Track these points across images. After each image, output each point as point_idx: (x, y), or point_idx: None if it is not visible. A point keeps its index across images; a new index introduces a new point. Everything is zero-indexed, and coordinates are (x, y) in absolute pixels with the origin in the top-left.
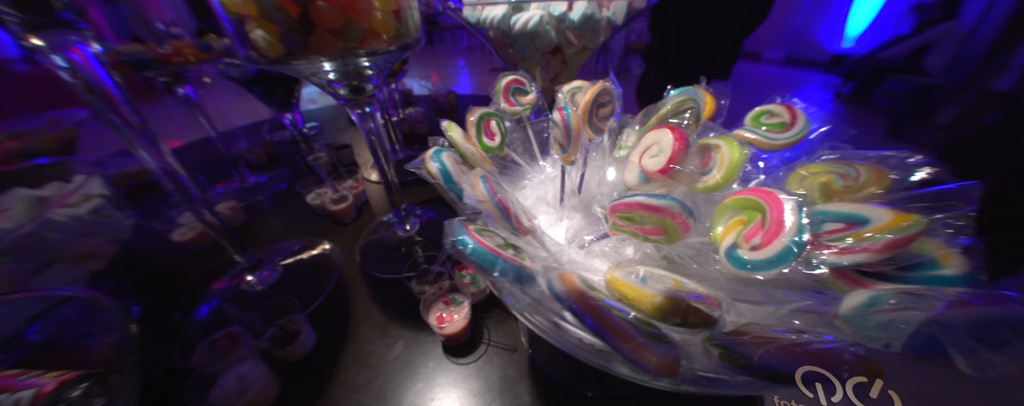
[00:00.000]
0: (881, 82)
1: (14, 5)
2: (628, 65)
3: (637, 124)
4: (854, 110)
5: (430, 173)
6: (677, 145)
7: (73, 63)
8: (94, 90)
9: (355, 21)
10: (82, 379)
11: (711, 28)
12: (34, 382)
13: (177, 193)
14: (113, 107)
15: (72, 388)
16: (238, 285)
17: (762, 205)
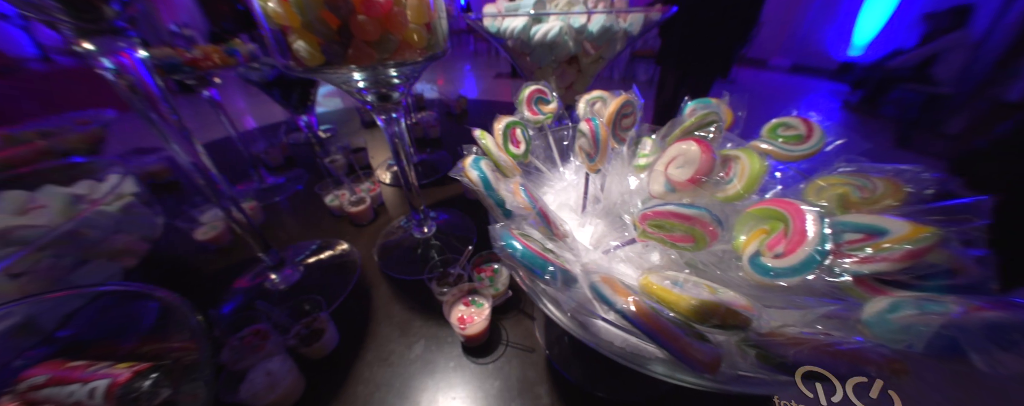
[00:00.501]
0: (889, 91)
1: (71, 13)
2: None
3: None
4: (862, 118)
5: (471, 180)
6: (705, 157)
7: (120, 66)
8: (138, 91)
9: (391, 33)
10: (152, 370)
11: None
12: (107, 373)
13: (207, 190)
14: (154, 106)
15: (144, 378)
16: (262, 283)
17: (785, 215)
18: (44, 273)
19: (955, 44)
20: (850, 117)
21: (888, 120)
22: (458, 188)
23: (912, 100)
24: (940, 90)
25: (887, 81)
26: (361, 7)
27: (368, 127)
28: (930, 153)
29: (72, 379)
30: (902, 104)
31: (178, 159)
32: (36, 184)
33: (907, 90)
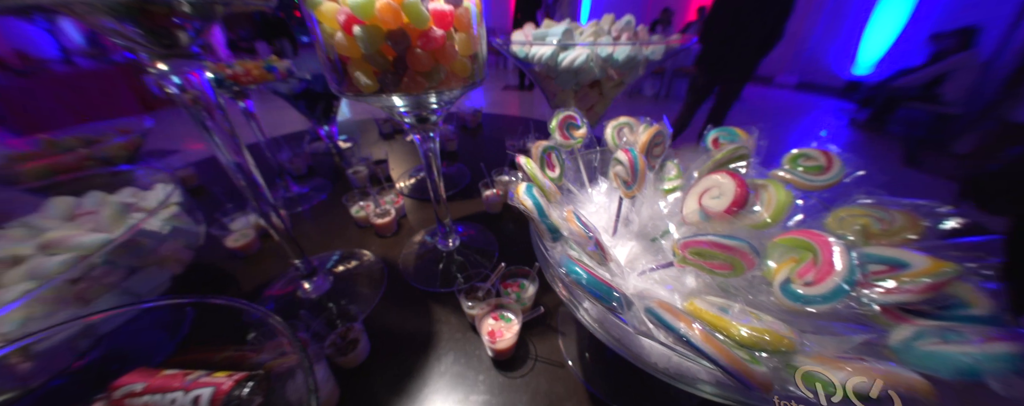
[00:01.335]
0: (897, 109)
1: (152, 42)
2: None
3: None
4: (869, 136)
5: (525, 207)
6: (739, 191)
7: (188, 83)
8: (199, 103)
9: (441, 64)
10: (248, 379)
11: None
12: (207, 381)
13: (250, 195)
14: (211, 116)
15: (242, 387)
16: (294, 292)
17: (813, 246)
18: (99, 280)
19: (962, 64)
20: (857, 135)
21: (895, 138)
22: (478, 202)
23: (920, 119)
24: (948, 110)
25: (894, 100)
26: (418, 41)
27: (387, 138)
28: (939, 173)
29: (172, 387)
30: (910, 123)
31: (225, 164)
32: (81, 190)
33: (914, 109)
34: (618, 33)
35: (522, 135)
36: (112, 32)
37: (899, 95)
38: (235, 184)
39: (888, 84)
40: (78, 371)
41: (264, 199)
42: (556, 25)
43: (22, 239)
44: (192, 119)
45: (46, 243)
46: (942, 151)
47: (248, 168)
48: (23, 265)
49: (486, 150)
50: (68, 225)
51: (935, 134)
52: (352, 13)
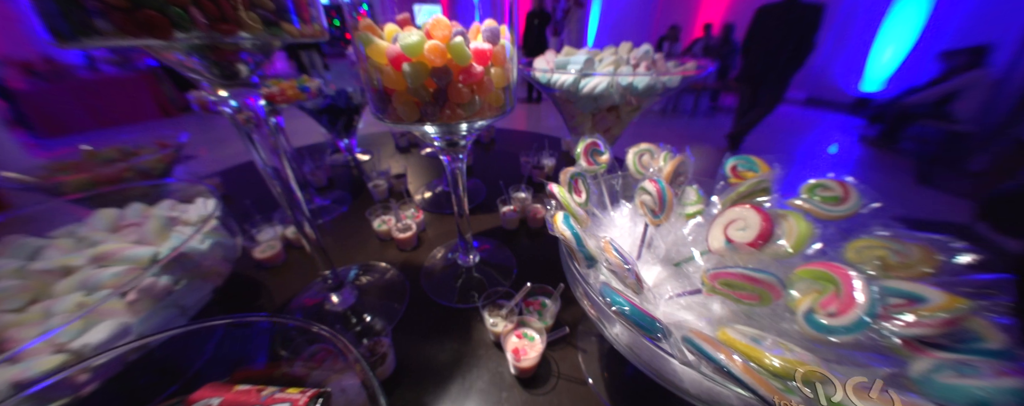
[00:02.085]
0: (908, 126)
1: (217, 73)
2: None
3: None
4: (880, 154)
5: (563, 237)
6: (764, 226)
7: (243, 105)
8: (250, 122)
9: (478, 96)
10: (319, 396)
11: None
12: (283, 397)
13: (286, 205)
14: (259, 131)
15: (314, 403)
16: (322, 304)
17: (835, 279)
18: (147, 292)
19: (973, 83)
20: (868, 152)
21: (907, 156)
22: (494, 217)
23: (932, 136)
24: (960, 128)
25: (905, 117)
26: (460, 76)
27: (403, 152)
28: (952, 191)
29: (249, 403)
30: (922, 140)
31: (265, 173)
32: (122, 202)
33: (926, 126)
34: (636, 61)
35: (536, 152)
36: (180, 64)
37: (910, 112)
38: (271, 193)
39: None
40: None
41: (300, 209)
42: (577, 53)
43: (71, 250)
44: (239, 133)
45: (99, 255)
46: (955, 169)
47: (288, 179)
48: (75, 275)
49: (500, 165)
50: (113, 237)
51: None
52: (403, 52)
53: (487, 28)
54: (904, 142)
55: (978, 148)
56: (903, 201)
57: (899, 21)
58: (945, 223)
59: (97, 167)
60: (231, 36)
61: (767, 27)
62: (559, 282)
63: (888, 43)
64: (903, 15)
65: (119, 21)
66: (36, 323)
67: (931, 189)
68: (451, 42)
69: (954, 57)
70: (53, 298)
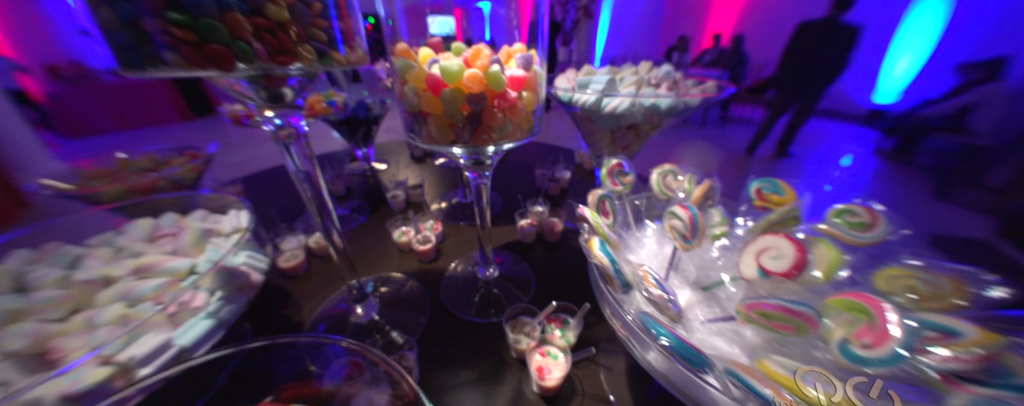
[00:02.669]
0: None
1: (265, 97)
2: None
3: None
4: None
5: (601, 263)
6: (799, 257)
7: (286, 123)
8: (291, 137)
9: (510, 120)
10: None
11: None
12: None
13: (316, 214)
14: (298, 144)
15: None
16: (346, 315)
17: (868, 310)
18: (186, 305)
19: (990, 96)
20: (883, 165)
21: (923, 169)
22: (509, 230)
23: (949, 149)
24: (978, 141)
25: (921, 129)
26: (494, 101)
27: (418, 161)
28: (971, 206)
29: None
30: (938, 153)
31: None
32: (157, 212)
33: (943, 139)
34: (657, 81)
35: (550, 165)
36: (229, 88)
37: (925, 125)
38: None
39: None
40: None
41: (330, 217)
42: (598, 72)
43: (110, 259)
44: (277, 145)
45: (140, 267)
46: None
47: (320, 187)
48: (116, 286)
49: (515, 177)
50: (150, 247)
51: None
52: (442, 79)
53: (521, 55)
54: (920, 155)
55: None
56: (920, 216)
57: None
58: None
59: (131, 176)
60: (287, 67)
61: (806, 42)
62: (580, 299)
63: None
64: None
65: (187, 54)
66: (79, 333)
67: (949, 203)
68: (488, 70)
69: (971, 70)
70: (95, 308)
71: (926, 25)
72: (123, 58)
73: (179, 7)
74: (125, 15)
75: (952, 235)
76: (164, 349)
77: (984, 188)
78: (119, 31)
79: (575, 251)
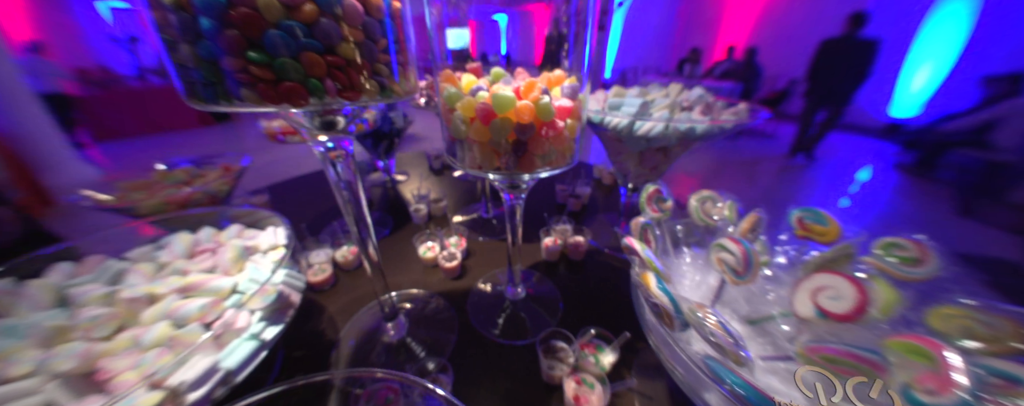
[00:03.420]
0: (946, 154)
1: (320, 127)
2: None
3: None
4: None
5: (660, 302)
6: (860, 300)
7: (338, 146)
8: (341, 157)
9: (554, 148)
10: None
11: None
12: None
13: (353, 225)
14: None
15: None
16: (377, 333)
17: (931, 355)
18: (230, 326)
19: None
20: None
21: (946, 185)
22: (536, 249)
23: (971, 165)
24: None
25: (942, 144)
26: (542, 130)
27: (436, 173)
28: (997, 225)
29: None
30: (961, 169)
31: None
32: (194, 225)
33: (965, 154)
34: (689, 104)
35: (571, 180)
36: (292, 121)
37: (947, 140)
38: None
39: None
40: None
41: (367, 228)
42: (628, 93)
43: (152, 275)
44: (322, 162)
45: (186, 286)
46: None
47: (361, 201)
48: (160, 304)
49: (536, 194)
50: (191, 263)
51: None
52: (492, 109)
53: (568, 86)
54: (942, 170)
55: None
56: (943, 233)
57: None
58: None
59: (167, 189)
60: (355, 102)
61: (830, 57)
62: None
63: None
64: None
65: (263, 91)
66: (126, 352)
67: (973, 221)
68: (540, 102)
69: (994, 84)
70: (140, 327)
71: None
72: (194, 93)
73: (259, 47)
74: (206, 54)
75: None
76: (212, 372)
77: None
78: (195, 68)
79: (600, 270)
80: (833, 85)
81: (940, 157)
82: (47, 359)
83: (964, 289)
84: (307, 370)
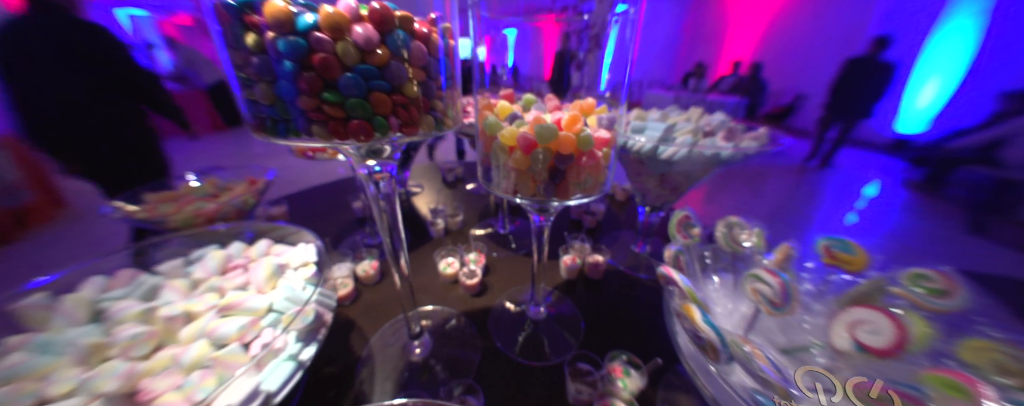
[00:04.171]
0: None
1: (364, 153)
2: None
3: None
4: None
5: (708, 338)
6: (899, 336)
7: (384, 168)
8: (385, 178)
9: (591, 175)
10: None
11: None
12: None
13: (387, 237)
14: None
15: None
16: (403, 351)
17: (968, 391)
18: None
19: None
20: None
21: (956, 202)
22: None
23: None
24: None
25: (951, 161)
26: (581, 159)
27: (449, 186)
28: (1010, 243)
29: None
30: (971, 186)
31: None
32: (225, 241)
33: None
34: (712, 128)
35: None
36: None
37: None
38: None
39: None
40: None
41: (401, 242)
42: (649, 116)
43: (187, 292)
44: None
45: (226, 306)
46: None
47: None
48: (197, 323)
49: None
50: (224, 280)
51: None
52: (535, 140)
53: (606, 117)
54: (952, 187)
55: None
56: (953, 251)
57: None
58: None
59: (195, 201)
60: (414, 137)
61: (852, 75)
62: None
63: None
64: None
65: (333, 128)
66: (166, 373)
67: (984, 239)
68: (581, 134)
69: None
70: (178, 345)
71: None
72: (264, 127)
73: (333, 88)
74: (285, 94)
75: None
76: (255, 395)
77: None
78: (269, 106)
79: (620, 290)
80: (854, 100)
81: (949, 174)
82: (90, 379)
83: (990, 319)
84: (334, 389)
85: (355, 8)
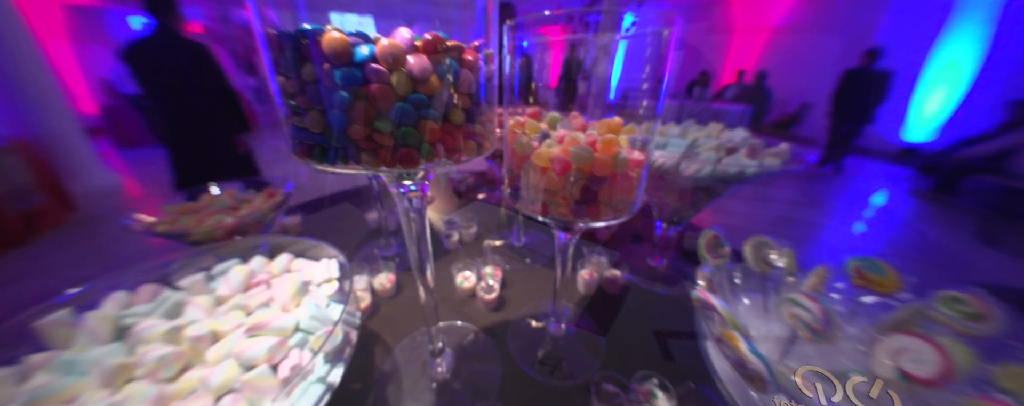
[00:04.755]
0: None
1: (405, 179)
2: None
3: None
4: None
5: (754, 368)
6: (945, 365)
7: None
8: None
9: (623, 196)
10: None
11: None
12: None
13: (414, 249)
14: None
15: None
16: (424, 367)
17: None
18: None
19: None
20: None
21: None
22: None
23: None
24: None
25: (960, 170)
26: (614, 181)
27: (460, 196)
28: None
29: None
30: (981, 195)
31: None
32: (246, 256)
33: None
34: (734, 145)
35: None
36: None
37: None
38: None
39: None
40: None
41: (426, 250)
42: (670, 130)
43: (211, 309)
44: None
45: (253, 326)
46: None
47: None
48: (224, 343)
49: None
50: (247, 296)
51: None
52: (570, 161)
53: (640, 137)
54: (961, 197)
55: None
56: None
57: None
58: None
59: (216, 214)
60: (458, 162)
61: (851, 85)
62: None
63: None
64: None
65: (382, 156)
66: (194, 396)
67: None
68: (617, 157)
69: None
70: (205, 366)
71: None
72: (310, 153)
73: (385, 117)
74: (335, 123)
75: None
76: None
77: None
78: (320, 133)
79: (638, 306)
80: (855, 106)
81: (959, 183)
82: (118, 404)
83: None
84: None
85: (410, 39)
